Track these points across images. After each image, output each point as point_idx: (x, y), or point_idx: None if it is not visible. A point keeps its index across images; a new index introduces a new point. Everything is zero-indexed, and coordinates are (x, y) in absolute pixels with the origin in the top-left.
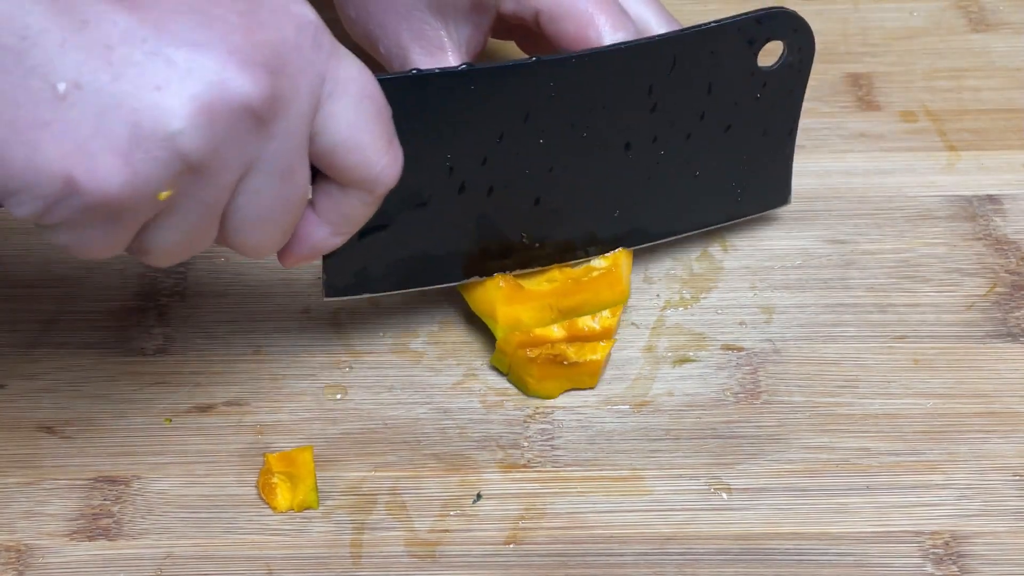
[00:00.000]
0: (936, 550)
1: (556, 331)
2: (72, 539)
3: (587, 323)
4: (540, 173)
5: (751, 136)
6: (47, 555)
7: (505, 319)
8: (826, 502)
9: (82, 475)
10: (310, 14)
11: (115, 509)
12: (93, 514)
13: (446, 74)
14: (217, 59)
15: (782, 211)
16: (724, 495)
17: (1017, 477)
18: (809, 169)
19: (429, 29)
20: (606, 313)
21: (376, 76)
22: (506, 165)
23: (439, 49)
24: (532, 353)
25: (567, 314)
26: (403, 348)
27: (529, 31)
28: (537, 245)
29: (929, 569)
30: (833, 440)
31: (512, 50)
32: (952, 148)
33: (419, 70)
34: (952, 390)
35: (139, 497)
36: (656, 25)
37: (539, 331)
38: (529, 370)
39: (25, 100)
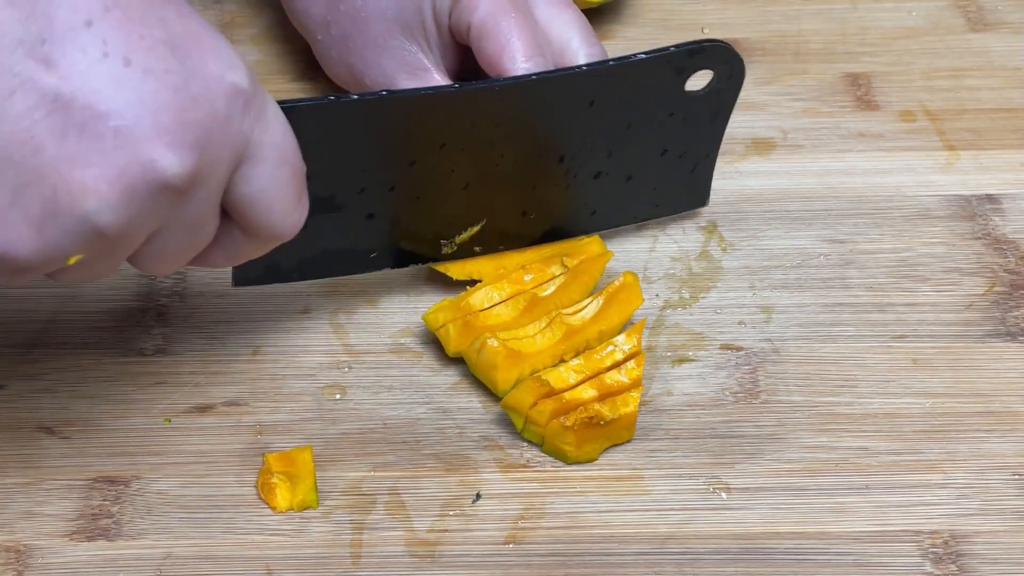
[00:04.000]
0: (935, 549)
1: (587, 393)
2: (72, 539)
3: (615, 377)
4: (455, 192)
5: (673, 150)
6: (47, 555)
7: (505, 383)
8: (825, 501)
9: (81, 475)
10: (243, 80)
11: (115, 509)
12: (93, 514)
13: (362, 100)
14: (144, 139)
15: (782, 211)
16: (723, 495)
17: (1016, 476)
18: (808, 169)
19: (408, 55)
20: (631, 364)
21: (292, 103)
22: (419, 186)
23: (422, 70)
24: (568, 421)
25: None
26: (402, 348)
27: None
28: (447, 244)
29: (928, 568)
30: (832, 440)
31: None
32: (951, 148)
33: (336, 96)
34: (951, 389)
35: (139, 497)
36: (578, 46)
37: (569, 395)
38: (566, 438)
39: None
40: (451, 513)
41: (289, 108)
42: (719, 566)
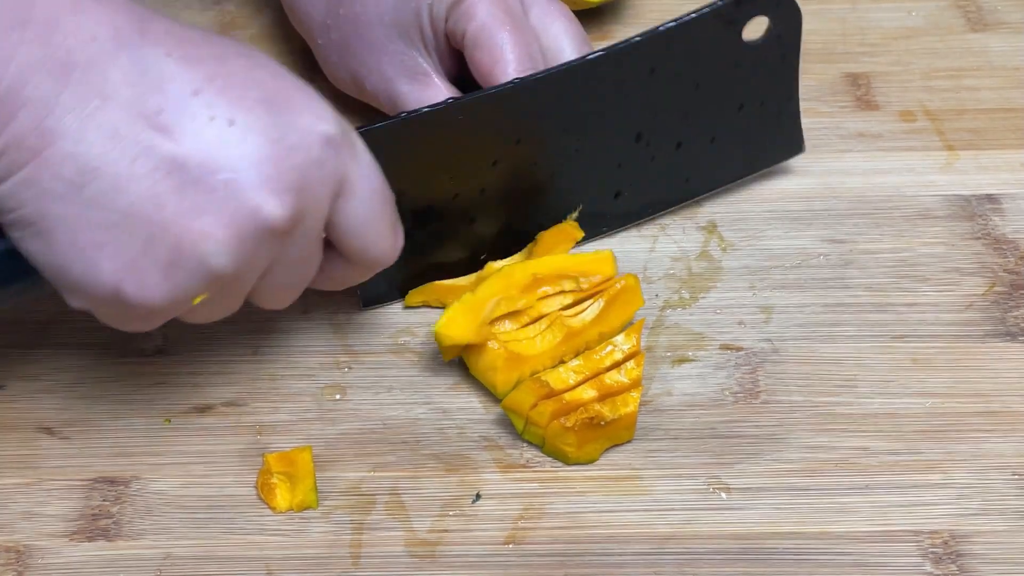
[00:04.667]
0: (935, 549)
1: (587, 393)
2: (72, 540)
3: (615, 378)
4: (544, 183)
5: (750, 102)
6: (47, 556)
7: (505, 385)
8: (825, 501)
9: (81, 476)
10: (333, 128)
11: (114, 510)
12: (92, 515)
13: (432, 111)
14: (250, 188)
15: (782, 211)
16: (723, 495)
17: (1016, 476)
18: (808, 169)
19: (407, 59)
20: (631, 364)
21: (367, 127)
22: (507, 183)
23: (422, 75)
24: (568, 422)
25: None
26: (402, 348)
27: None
28: (542, 230)
29: (928, 568)
30: (832, 439)
31: None
32: (950, 148)
33: (407, 112)
34: (951, 389)
35: (138, 498)
36: (571, 55)
37: (569, 396)
38: (567, 439)
39: (84, 226)
40: (451, 513)
41: (365, 131)
42: (719, 566)
